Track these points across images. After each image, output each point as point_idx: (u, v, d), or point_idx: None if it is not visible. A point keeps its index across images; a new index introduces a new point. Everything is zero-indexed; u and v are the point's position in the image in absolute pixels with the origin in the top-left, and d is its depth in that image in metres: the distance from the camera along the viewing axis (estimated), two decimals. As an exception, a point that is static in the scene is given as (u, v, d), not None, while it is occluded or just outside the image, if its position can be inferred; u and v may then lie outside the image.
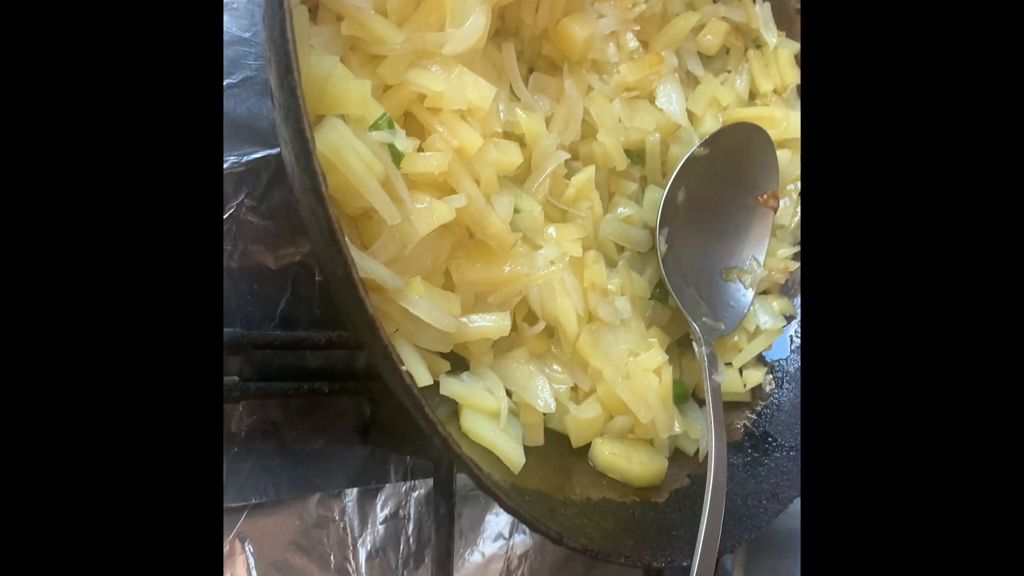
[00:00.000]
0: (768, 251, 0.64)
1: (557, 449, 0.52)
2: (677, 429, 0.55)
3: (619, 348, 0.53)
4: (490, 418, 0.46)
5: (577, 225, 0.53)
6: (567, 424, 0.51)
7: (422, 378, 0.42)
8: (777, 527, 0.69)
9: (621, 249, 0.58)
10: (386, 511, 0.55)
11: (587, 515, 0.46)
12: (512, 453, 0.45)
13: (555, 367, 0.52)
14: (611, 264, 0.57)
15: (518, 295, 0.48)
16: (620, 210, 0.57)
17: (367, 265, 0.39)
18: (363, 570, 0.53)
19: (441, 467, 0.50)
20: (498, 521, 0.62)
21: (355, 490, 0.54)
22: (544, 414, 0.51)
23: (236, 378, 0.48)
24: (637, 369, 0.52)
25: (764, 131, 0.60)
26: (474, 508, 0.61)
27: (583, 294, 0.52)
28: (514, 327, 0.51)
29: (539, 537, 0.63)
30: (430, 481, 0.56)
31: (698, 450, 0.56)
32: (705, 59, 0.64)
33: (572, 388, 0.52)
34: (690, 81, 0.64)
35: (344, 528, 0.53)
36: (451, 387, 0.45)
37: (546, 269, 0.49)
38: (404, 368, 0.38)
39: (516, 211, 0.48)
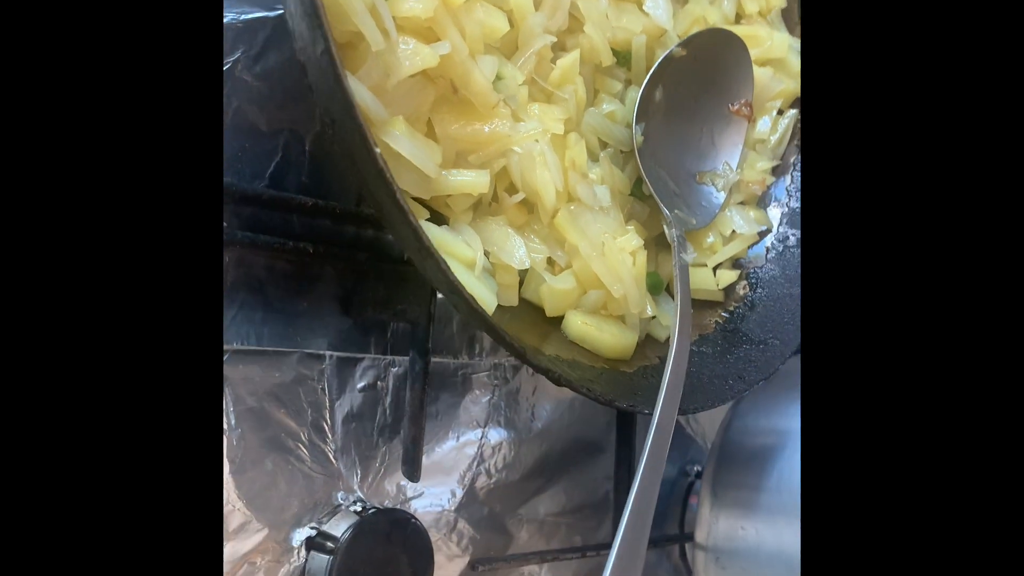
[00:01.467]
0: (748, 163, 0.66)
1: (531, 316, 0.54)
2: (649, 312, 0.57)
3: (596, 228, 0.55)
4: (466, 267, 0.48)
5: (560, 107, 0.55)
6: (542, 294, 0.53)
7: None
8: (744, 444, 0.71)
9: (604, 145, 0.60)
10: (364, 381, 0.57)
11: (558, 365, 0.48)
12: (486, 298, 0.47)
13: (533, 239, 0.53)
14: (593, 158, 0.59)
15: (499, 157, 0.50)
16: (604, 106, 0.60)
17: (353, 86, 0.40)
18: (339, 431, 0.55)
19: (419, 326, 0.52)
20: (474, 409, 0.64)
21: (335, 356, 0.55)
22: (520, 281, 0.53)
23: (223, 224, 0.50)
24: (613, 247, 0.54)
25: (740, 40, 0.62)
26: (451, 394, 0.63)
27: (563, 173, 0.54)
28: (495, 198, 0.53)
29: (513, 430, 0.64)
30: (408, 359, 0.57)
31: (669, 336, 0.58)
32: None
33: (548, 262, 0.54)
34: (680, -1, 0.66)
35: (322, 389, 0.55)
36: (429, 231, 0.47)
37: (528, 138, 0.51)
38: (395, 186, 0.38)
39: (499, 78, 0.50)
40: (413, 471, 0.51)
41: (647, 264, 0.58)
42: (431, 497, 0.60)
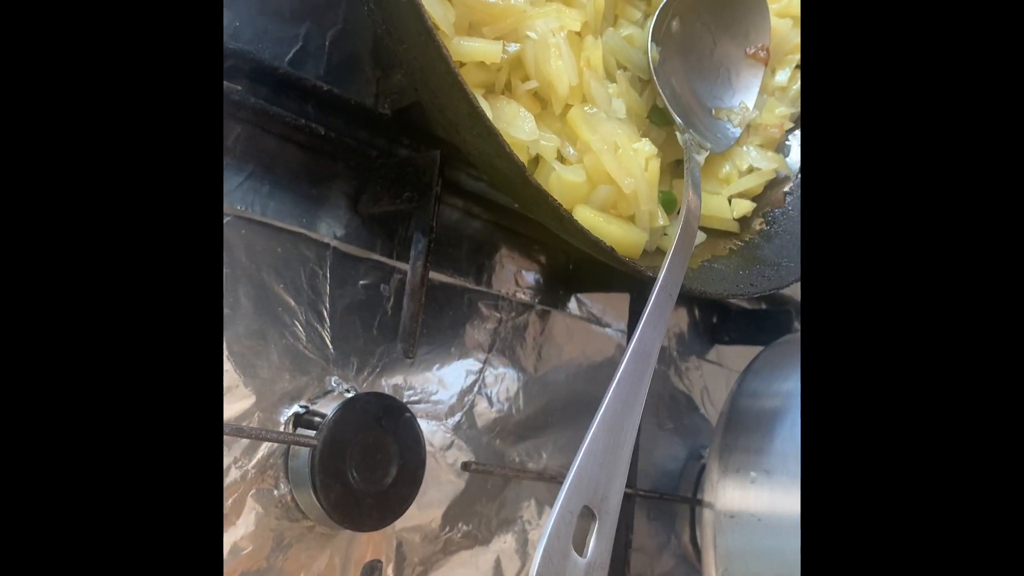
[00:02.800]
0: (767, 108, 0.66)
1: (538, 207, 0.53)
2: (660, 221, 0.56)
3: (610, 130, 0.55)
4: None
5: (578, 8, 0.55)
6: (551, 184, 0.53)
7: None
8: (751, 408, 0.69)
9: (623, 69, 0.60)
10: (367, 281, 0.56)
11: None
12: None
13: (545, 131, 0.53)
14: (611, 78, 0.59)
15: (514, 36, 0.51)
16: (623, 30, 0.60)
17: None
18: (337, 320, 0.54)
19: (425, 204, 0.51)
20: (479, 335, 0.62)
21: (339, 248, 0.55)
22: (528, 162, 0.52)
23: (239, 87, 0.50)
24: (627, 147, 0.54)
25: (757, -18, 0.63)
26: (456, 313, 0.61)
27: (578, 71, 0.54)
28: (508, 86, 0.53)
29: (518, 367, 0.63)
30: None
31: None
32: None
33: (559, 157, 0.54)
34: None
35: (324, 276, 0.54)
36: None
37: (543, 15, 0.51)
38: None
39: (517, -40, 0.51)
40: (410, 347, 0.50)
41: (662, 185, 0.57)
42: (428, 406, 0.58)
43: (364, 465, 0.49)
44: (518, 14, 0.50)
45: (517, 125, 0.50)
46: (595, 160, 0.53)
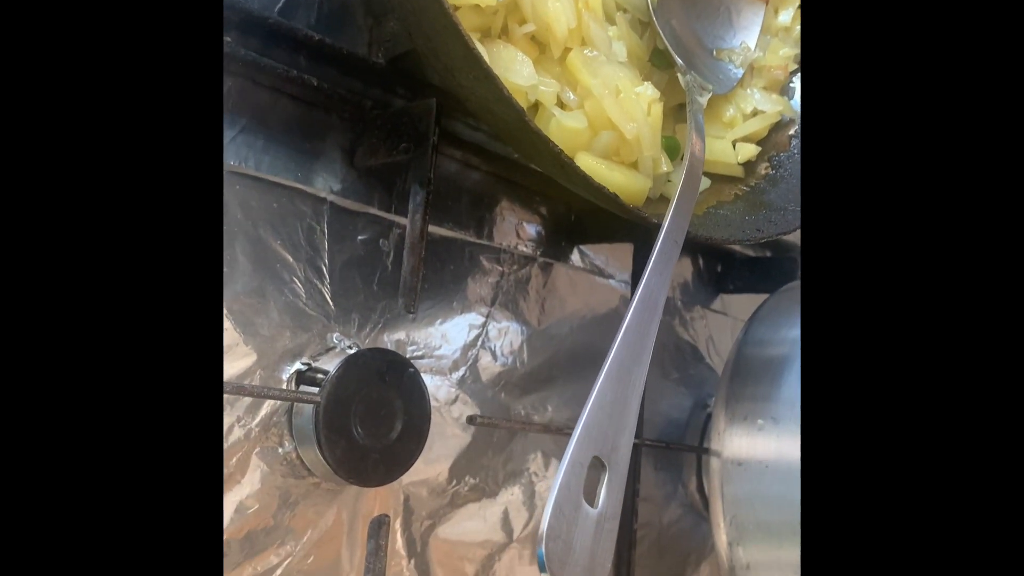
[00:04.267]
0: (770, 49, 0.64)
1: (539, 155, 0.52)
2: (664, 167, 0.55)
3: (610, 73, 0.53)
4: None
5: (576, -52, 0.53)
6: (551, 131, 0.51)
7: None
8: (757, 355, 0.68)
9: (623, 11, 0.58)
10: (365, 236, 0.55)
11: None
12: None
13: (544, 76, 0.52)
14: (610, 20, 0.57)
15: (508, -24, 0.49)
16: (621, -30, 0.58)
17: None
18: (337, 276, 0.53)
19: (422, 154, 0.50)
20: (481, 288, 0.61)
21: (336, 203, 0.54)
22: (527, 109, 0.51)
23: (228, 39, 0.49)
24: (628, 92, 0.52)
25: (765, -83, 0.61)
26: (458, 267, 0.60)
27: (577, 13, 0.52)
28: (504, 30, 0.51)
29: (522, 320, 0.62)
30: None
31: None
32: None
33: (559, 103, 0.52)
34: None
35: (321, 231, 0.53)
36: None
37: (539, -43, 0.49)
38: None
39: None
40: (411, 302, 0.49)
41: (665, 130, 0.56)
42: (432, 361, 0.57)
43: (368, 421, 0.49)
44: (513, -46, 0.48)
45: (515, 70, 0.48)
46: (596, 105, 0.52)
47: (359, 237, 0.55)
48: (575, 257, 0.70)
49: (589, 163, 0.51)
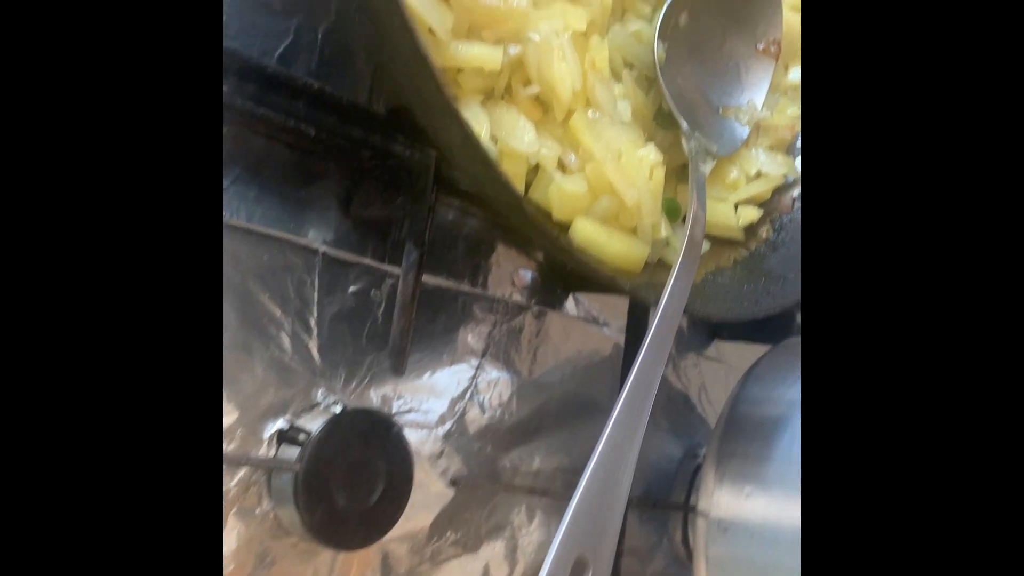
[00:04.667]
0: (778, 108, 0.63)
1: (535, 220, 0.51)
2: (664, 232, 0.54)
3: (613, 136, 0.52)
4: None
5: (584, 7, 0.52)
6: (551, 194, 0.50)
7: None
8: (750, 414, 0.67)
9: (629, 66, 0.57)
10: (357, 287, 0.54)
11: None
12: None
13: (546, 138, 0.51)
14: (616, 77, 0.56)
15: (515, 39, 0.48)
16: (631, 25, 0.57)
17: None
18: (325, 329, 0.52)
19: (417, 215, 0.49)
20: (472, 339, 0.60)
21: (328, 253, 0.53)
22: (528, 184, 0.50)
23: (225, 87, 0.48)
24: (631, 155, 0.52)
25: (769, -26, 0.60)
26: (449, 318, 0.59)
27: (583, 74, 0.51)
28: (508, 90, 0.50)
29: (513, 371, 0.61)
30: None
31: (683, 259, 0.55)
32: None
33: (560, 165, 0.51)
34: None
35: (312, 284, 0.52)
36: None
37: (548, 16, 0.48)
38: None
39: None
40: (399, 364, 0.48)
41: (666, 191, 0.55)
42: (419, 416, 0.56)
43: (349, 483, 0.48)
44: (520, 16, 0.47)
45: (516, 135, 0.47)
46: (597, 169, 0.51)
47: (350, 288, 0.54)
48: (569, 304, 0.69)
49: (587, 229, 0.50)
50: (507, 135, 0.47)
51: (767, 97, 0.62)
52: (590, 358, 0.70)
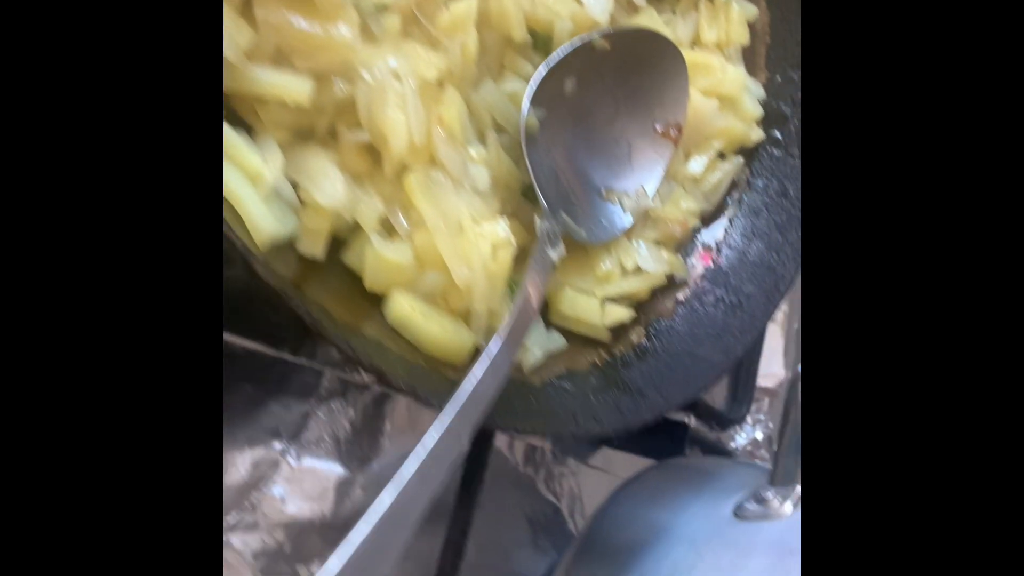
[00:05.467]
0: (672, 199, 0.56)
1: (346, 287, 0.43)
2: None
3: (457, 204, 0.45)
4: (249, 181, 0.37)
5: (442, 55, 0.45)
6: (366, 257, 0.42)
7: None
8: (612, 534, 0.59)
9: (501, 130, 0.50)
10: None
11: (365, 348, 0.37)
12: (261, 222, 0.37)
13: (371, 193, 0.43)
14: (481, 139, 0.49)
15: (335, 70, 0.41)
16: (507, 85, 0.50)
17: None
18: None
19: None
20: (285, 416, 0.52)
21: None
22: (344, 242, 0.42)
23: None
24: (472, 230, 0.44)
25: (678, 51, 0.54)
26: (256, 389, 0.51)
27: (427, 127, 0.44)
28: (333, 133, 0.43)
29: (336, 458, 0.53)
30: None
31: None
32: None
33: (386, 227, 0.44)
34: (630, 9, 0.58)
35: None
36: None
37: (379, 56, 0.41)
38: None
39: (357, -17, 0.41)
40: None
41: (518, 274, 0.48)
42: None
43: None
44: (342, 48, 0.40)
45: (319, 185, 0.40)
46: (428, 239, 0.43)
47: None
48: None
49: (403, 307, 0.42)
50: (309, 182, 0.40)
51: (661, 185, 0.55)
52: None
